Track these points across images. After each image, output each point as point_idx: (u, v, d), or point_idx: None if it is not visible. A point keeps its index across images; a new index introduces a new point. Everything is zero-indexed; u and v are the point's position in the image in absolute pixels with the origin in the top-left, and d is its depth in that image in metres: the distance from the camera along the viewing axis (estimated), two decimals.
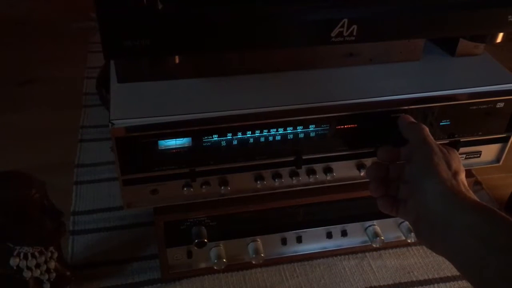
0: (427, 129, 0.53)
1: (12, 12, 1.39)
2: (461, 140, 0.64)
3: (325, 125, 0.58)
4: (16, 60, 1.18)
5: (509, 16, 0.54)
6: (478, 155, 0.66)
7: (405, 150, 0.54)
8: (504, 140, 0.66)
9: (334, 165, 0.62)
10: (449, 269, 0.73)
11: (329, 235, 0.72)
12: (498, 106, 0.62)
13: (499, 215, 0.43)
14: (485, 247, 0.42)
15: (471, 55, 0.66)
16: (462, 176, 0.51)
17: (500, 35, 0.60)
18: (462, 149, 0.65)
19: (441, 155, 0.50)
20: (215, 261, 0.66)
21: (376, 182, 0.55)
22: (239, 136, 0.57)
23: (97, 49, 1.21)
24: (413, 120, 0.57)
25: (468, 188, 0.49)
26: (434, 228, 0.47)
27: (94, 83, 1.04)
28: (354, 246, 0.74)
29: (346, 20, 0.50)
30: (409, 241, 0.72)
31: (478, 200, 0.47)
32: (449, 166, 0.49)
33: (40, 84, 1.10)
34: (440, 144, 0.53)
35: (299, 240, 0.71)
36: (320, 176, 0.63)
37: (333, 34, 0.51)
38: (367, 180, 0.64)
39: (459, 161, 0.52)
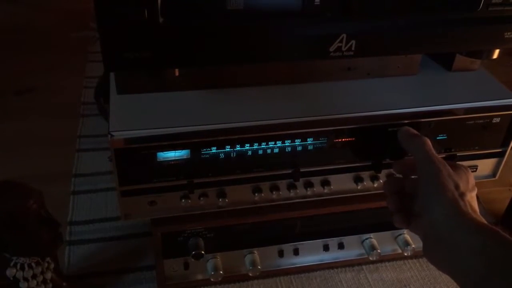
0: (429, 142, 0.53)
1: (11, 20, 1.40)
2: (458, 154, 0.64)
3: (322, 138, 0.59)
4: (15, 68, 1.18)
5: (506, 33, 0.55)
6: (475, 169, 0.66)
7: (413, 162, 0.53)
8: (500, 155, 0.66)
9: (331, 178, 0.63)
10: (445, 282, 0.73)
11: (326, 248, 0.72)
12: (494, 121, 0.62)
13: (504, 237, 0.43)
14: (489, 270, 0.42)
15: (467, 70, 0.67)
16: (473, 194, 0.50)
17: (496, 51, 0.61)
18: (458, 164, 0.65)
19: (447, 174, 0.49)
20: (212, 273, 0.66)
21: (393, 197, 0.54)
22: (237, 149, 0.57)
23: (95, 58, 1.21)
24: (414, 132, 0.56)
25: (476, 209, 0.49)
26: (440, 247, 0.47)
27: (92, 92, 1.04)
28: (351, 258, 0.74)
29: (344, 35, 0.51)
30: (405, 254, 0.72)
31: (484, 221, 0.46)
32: (456, 185, 0.49)
33: (38, 93, 1.10)
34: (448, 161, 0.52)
35: (296, 252, 0.71)
36: (317, 189, 0.63)
37: (331, 49, 0.52)
38: (365, 193, 0.65)
39: (469, 180, 0.51)
